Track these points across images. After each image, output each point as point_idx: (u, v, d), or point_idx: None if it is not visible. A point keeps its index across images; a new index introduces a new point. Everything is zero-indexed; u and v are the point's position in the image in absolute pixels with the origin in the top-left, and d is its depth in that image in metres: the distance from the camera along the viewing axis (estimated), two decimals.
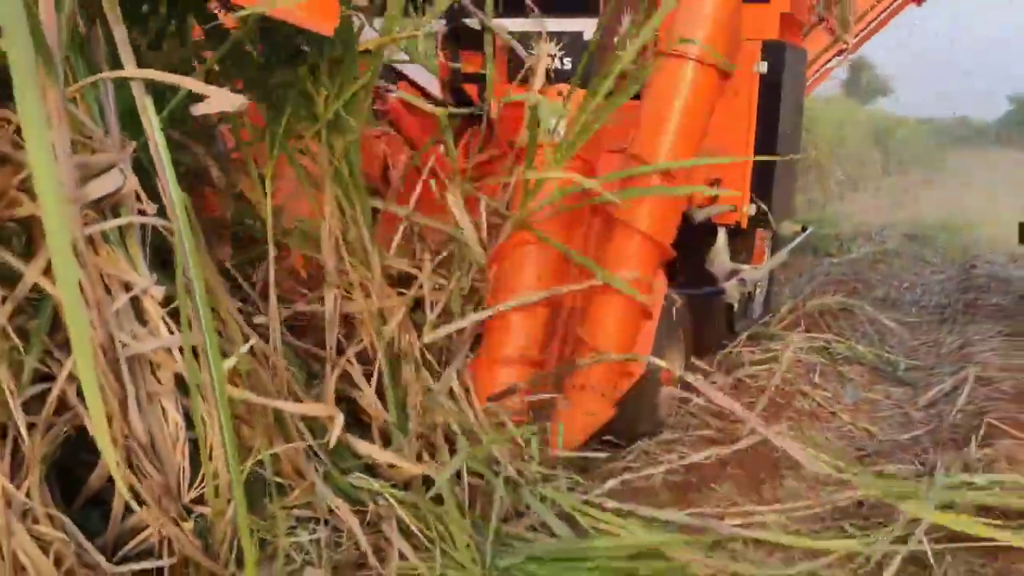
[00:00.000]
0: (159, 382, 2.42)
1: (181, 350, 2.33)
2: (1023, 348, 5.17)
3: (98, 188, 2.19)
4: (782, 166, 4.60)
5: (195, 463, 2.45)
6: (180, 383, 2.41)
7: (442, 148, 3.54)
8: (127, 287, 2.31)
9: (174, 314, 2.35)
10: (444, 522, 2.72)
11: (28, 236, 2.28)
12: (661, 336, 3.78)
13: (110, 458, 2.06)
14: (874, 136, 22.77)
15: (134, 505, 2.32)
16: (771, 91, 4.54)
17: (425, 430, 3.13)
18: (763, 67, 4.51)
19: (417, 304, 3.30)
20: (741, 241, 4.87)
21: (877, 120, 25.24)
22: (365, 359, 3.11)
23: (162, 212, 2.27)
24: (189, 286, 2.28)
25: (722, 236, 4.59)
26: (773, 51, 4.52)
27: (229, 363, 2.45)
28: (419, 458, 3.03)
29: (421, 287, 3.28)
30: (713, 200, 4.36)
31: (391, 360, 3.14)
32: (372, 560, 2.63)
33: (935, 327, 6.32)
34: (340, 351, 3.06)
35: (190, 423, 2.43)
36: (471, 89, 4.08)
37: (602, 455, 3.55)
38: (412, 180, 3.48)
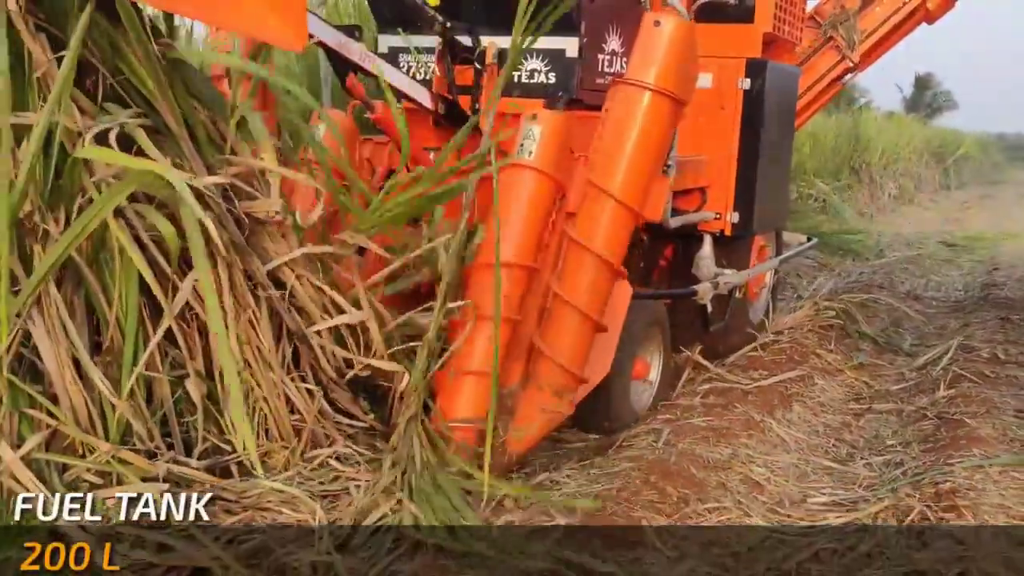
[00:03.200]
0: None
1: None
2: (1008, 327, 6.26)
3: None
4: (767, 176, 5.11)
5: None
6: None
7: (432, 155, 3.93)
8: None
9: None
10: None
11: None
12: (639, 335, 4.15)
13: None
14: (934, 151, 23.34)
15: None
16: (755, 106, 5.01)
17: None
18: (746, 83, 4.98)
19: None
20: (733, 248, 5.20)
21: (939, 136, 25.72)
22: None
23: None
24: None
25: (708, 242, 4.93)
26: (755, 68, 5.02)
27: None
28: None
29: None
30: (699, 208, 4.90)
31: None
32: None
33: (948, 315, 7.35)
34: None
35: None
36: (464, 101, 4.24)
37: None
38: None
